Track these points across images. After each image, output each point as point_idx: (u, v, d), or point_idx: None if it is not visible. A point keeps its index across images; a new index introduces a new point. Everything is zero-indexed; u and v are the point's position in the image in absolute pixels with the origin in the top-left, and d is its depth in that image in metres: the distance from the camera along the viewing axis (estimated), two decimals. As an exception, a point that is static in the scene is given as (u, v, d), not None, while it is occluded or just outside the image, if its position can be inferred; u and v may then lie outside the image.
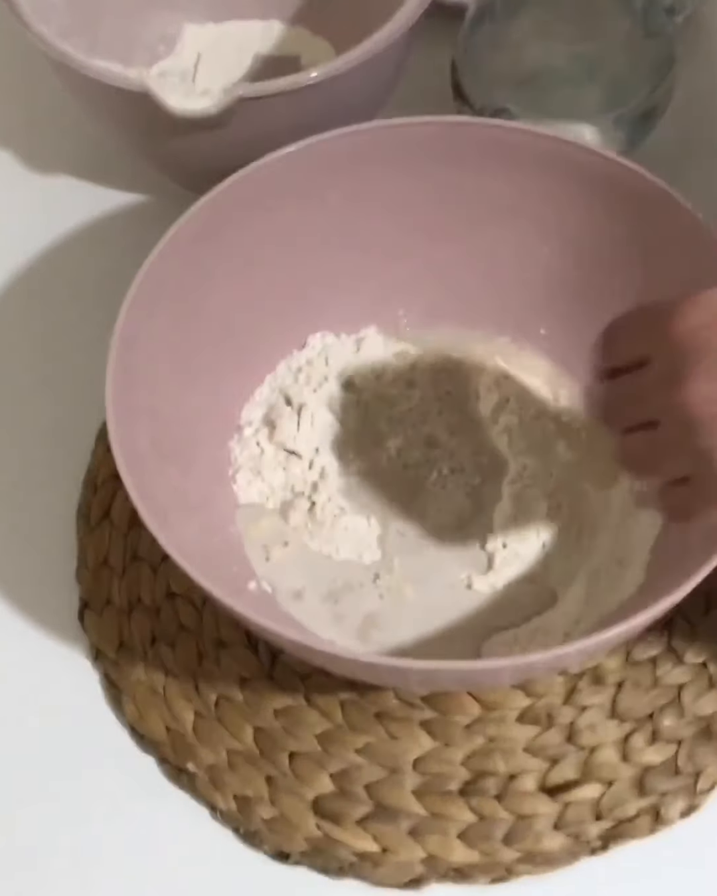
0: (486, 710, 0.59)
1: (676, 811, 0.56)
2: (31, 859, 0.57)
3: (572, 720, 0.58)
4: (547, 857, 0.56)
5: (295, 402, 0.64)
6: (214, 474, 0.63)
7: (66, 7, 0.69)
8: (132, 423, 0.54)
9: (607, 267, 0.60)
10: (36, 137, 0.77)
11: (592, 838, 0.56)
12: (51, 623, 0.62)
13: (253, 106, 0.61)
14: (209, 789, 0.58)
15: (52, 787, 0.59)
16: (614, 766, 0.57)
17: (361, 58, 0.62)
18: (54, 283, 0.72)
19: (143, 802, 0.58)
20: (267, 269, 0.62)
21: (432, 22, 0.65)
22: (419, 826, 0.57)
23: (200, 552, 0.55)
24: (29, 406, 0.68)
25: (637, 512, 0.60)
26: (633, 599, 0.57)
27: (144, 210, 0.74)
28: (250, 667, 0.60)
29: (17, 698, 0.61)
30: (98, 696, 0.60)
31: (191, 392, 0.60)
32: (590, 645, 0.49)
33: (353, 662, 0.51)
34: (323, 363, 0.65)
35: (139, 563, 0.63)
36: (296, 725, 0.59)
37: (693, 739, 0.58)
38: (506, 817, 0.57)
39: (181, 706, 0.59)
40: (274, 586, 0.61)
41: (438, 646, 0.59)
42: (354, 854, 0.56)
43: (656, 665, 0.60)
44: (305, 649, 0.51)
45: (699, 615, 0.60)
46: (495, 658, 0.57)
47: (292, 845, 0.56)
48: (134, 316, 0.55)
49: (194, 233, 0.58)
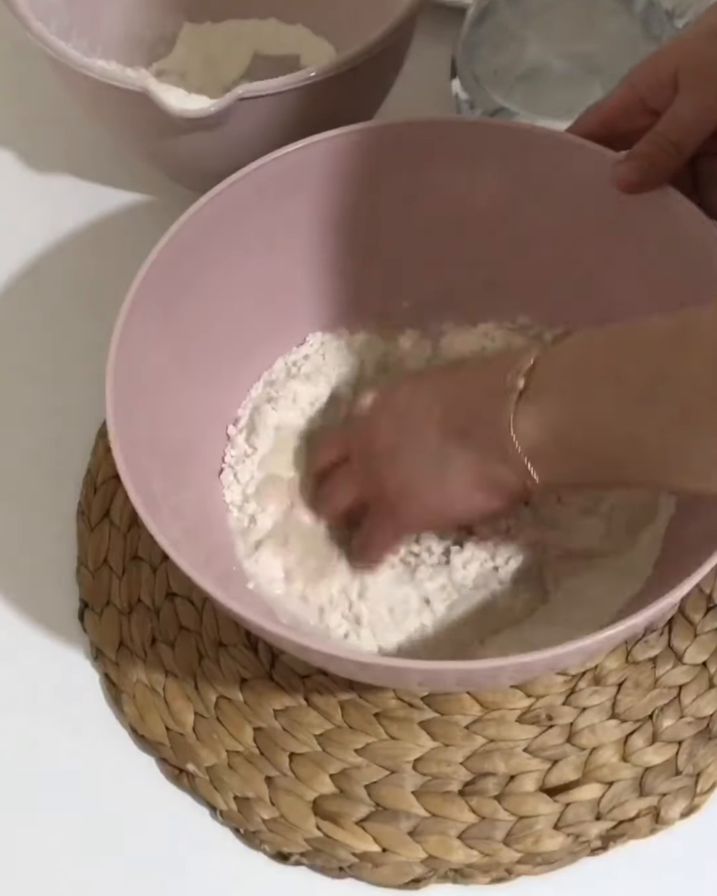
0: (486, 710, 0.59)
1: (676, 812, 0.57)
2: (32, 860, 0.57)
3: (572, 720, 0.59)
4: (547, 858, 0.56)
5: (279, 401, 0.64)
6: (213, 473, 0.62)
7: (65, 7, 0.69)
8: (132, 423, 0.54)
9: (610, 267, 0.60)
10: (36, 137, 0.78)
11: (592, 839, 0.56)
12: (51, 623, 0.62)
13: (252, 106, 0.61)
14: (209, 790, 0.58)
15: (52, 788, 0.59)
16: (614, 766, 0.57)
17: (360, 57, 0.62)
18: (54, 283, 0.72)
19: (143, 803, 0.58)
20: (267, 268, 0.62)
21: (432, 21, 0.65)
22: (419, 826, 0.57)
23: (201, 552, 0.55)
24: (28, 406, 0.68)
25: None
26: (632, 599, 0.57)
27: (144, 210, 0.74)
28: (250, 667, 0.60)
29: (17, 698, 0.61)
30: (98, 696, 0.60)
31: (190, 391, 0.60)
32: (590, 644, 0.48)
33: (352, 663, 0.51)
34: (320, 359, 0.65)
35: (139, 563, 0.63)
36: (296, 726, 0.59)
37: (693, 740, 0.58)
38: (506, 818, 0.57)
39: (181, 706, 0.59)
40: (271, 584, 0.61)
41: (437, 644, 0.59)
42: (355, 854, 0.56)
43: (656, 665, 0.60)
44: (304, 650, 0.51)
45: (699, 615, 0.60)
46: (495, 658, 0.57)
47: (292, 846, 0.56)
48: (134, 316, 0.55)
49: (194, 233, 0.58)
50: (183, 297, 0.59)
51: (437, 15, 0.66)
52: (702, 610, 0.60)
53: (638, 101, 0.56)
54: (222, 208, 0.58)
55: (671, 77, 0.54)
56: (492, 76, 0.66)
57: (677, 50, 0.55)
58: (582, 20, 0.64)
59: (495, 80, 0.66)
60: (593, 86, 0.57)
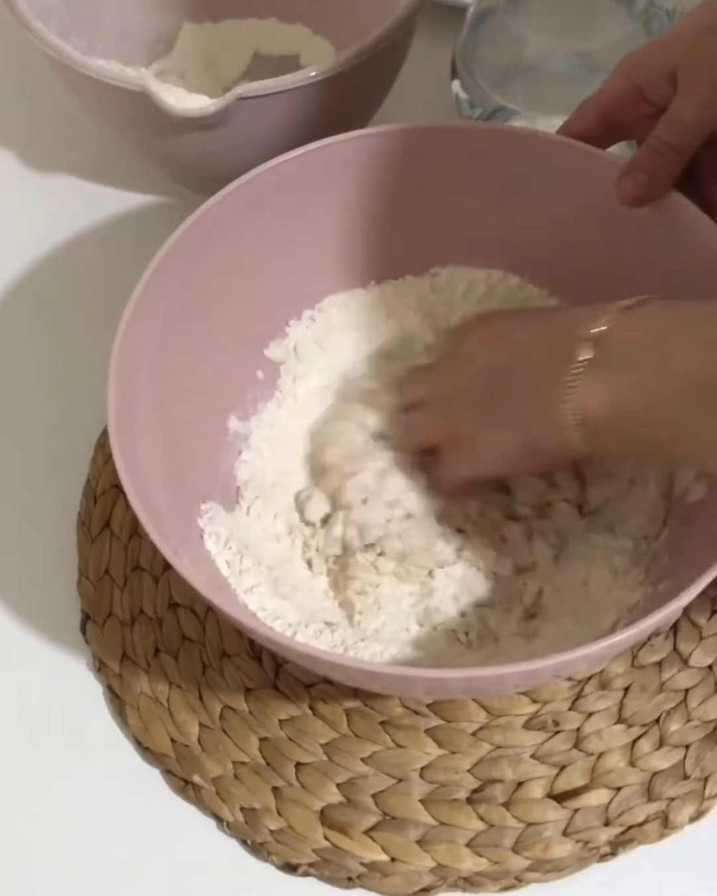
0: (492, 716, 0.59)
1: (685, 816, 0.56)
2: (35, 871, 0.57)
3: (578, 726, 0.58)
4: (556, 865, 0.55)
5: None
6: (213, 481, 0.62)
7: (65, 6, 0.69)
8: (134, 432, 0.53)
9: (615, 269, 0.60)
10: (36, 137, 0.77)
11: (601, 845, 0.56)
12: (53, 635, 0.62)
13: (252, 105, 0.61)
14: (216, 801, 0.57)
15: (55, 800, 0.58)
16: (621, 771, 0.57)
17: (360, 57, 0.62)
18: (55, 286, 0.72)
19: (149, 815, 0.58)
20: (272, 273, 0.62)
21: (432, 21, 0.65)
22: (428, 835, 0.56)
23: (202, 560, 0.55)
24: (27, 414, 0.68)
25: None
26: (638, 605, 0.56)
27: (144, 210, 0.74)
28: (255, 677, 0.60)
29: (19, 711, 0.60)
30: (102, 708, 0.60)
31: (192, 399, 0.60)
32: (596, 651, 0.48)
33: (358, 671, 0.51)
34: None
35: (141, 573, 0.62)
36: (302, 735, 0.58)
37: (701, 743, 0.58)
38: (514, 825, 0.56)
39: (186, 718, 0.59)
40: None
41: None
42: (363, 864, 0.56)
43: (662, 669, 0.59)
44: (309, 659, 0.50)
45: (705, 619, 0.60)
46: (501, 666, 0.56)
47: (300, 856, 0.56)
48: (135, 324, 0.54)
49: (197, 237, 0.57)
50: (186, 302, 0.58)
51: (437, 15, 0.66)
52: (707, 613, 0.60)
53: (635, 91, 0.56)
54: (227, 212, 0.58)
55: (668, 71, 0.54)
56: (492, 75, 0.66)
57: (675, 44, 0.55)
58: (582, 20, 0.64)
59: (494, 79, 0.66)
60: (593, 84, 0.57)
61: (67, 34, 0.68)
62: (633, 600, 0.55)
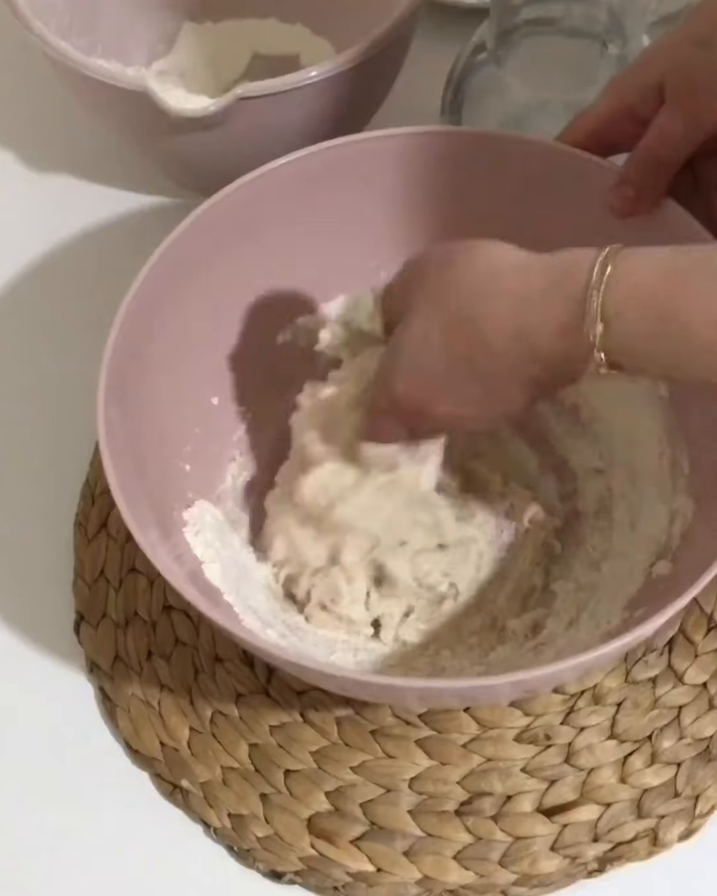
0: (483, 728, 0.58)
1: (674, 834, 0.56)
2: (25, 874, 0.57)
3: (570, 740, 0.58)
4: (543, 880, 0.55)
5: None
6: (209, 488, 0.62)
7: (65, 7, 0.69)
8: (127, 439, 0.53)
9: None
10: (36, 137, 0.77)
11: (589, 860, 0.55)
12: (46, 636, 0.62)
13: (252, 105, 0.61)
14: (203, 806, 0.57)
15: (44, 802, 0.58)
16: (612, 787, 0.57)
17: (360, 57, 0.62)
18: (53, 286, 0.72)
19: (136, 819, 0.58)
20: (269, 275, 0.62)
21: (432, 21, 0.65)
22: (415, 846, 0.56)
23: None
24: (26, 416, 0.68)
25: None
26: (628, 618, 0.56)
27: (144, 210, 0.74)
28: (246, 682, 0.59)
29: (10, 711, 0.60)
30: (93, 710, 0.60)
31: (188, 402, 0.60)
32: (587, 660, 0.48)
33: (347, 680, 0.51)
34: None
35: (136, 575, 0.62)
36: (291, 742, 0.58)
37: (693, 761, 0.57)
38: (502, 838, 0.56)
39: (176, 721, 0.59)
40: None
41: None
42: (349, 874, 0.56)
43: (656, 685, 0.59)
44: (299, 668, 0.50)
45: (700, 636, 0.60)
46: (492, 675, 0.56)
47: (286, 864, 0.56)
48: (131, 321, 0.54)
49: (197, 237, 0.57)
50: (184, 300, 0.58)
51: (437, 15, 0.66)
52: (703, 630, 0.60)
53: (626, 110, 0.56)
54: (224, 213, 0.58)
55: (656, 85, 0.54)
56: (484, 119, 0.66)
57: (662, 57, 0.54)
58: (573, 69, 0.63)
59: (487, 122, 0.66)
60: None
61: (67, 34, 0.68)
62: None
